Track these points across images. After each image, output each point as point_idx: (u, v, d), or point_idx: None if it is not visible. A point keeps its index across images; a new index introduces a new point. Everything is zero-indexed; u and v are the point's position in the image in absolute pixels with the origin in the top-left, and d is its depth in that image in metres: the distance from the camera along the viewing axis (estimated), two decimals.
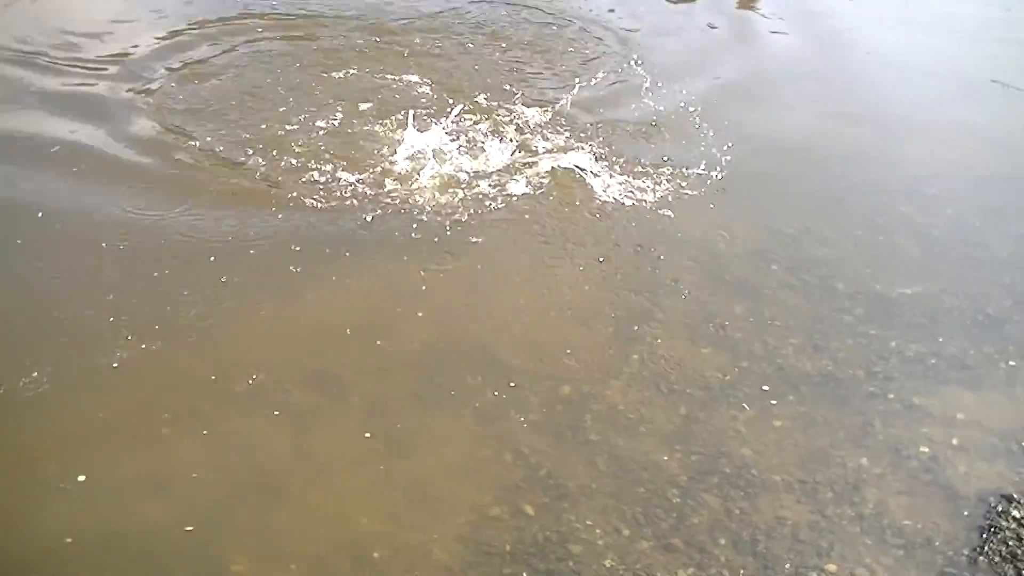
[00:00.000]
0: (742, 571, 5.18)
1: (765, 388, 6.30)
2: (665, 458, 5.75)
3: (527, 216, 7.69)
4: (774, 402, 6.21)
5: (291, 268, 6.93)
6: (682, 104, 9.62)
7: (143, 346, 6.16)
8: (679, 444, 5.85)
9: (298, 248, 7.12)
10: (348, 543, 5.20)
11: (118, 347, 6.13)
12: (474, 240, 7.34)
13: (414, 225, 7.42)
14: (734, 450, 5.85)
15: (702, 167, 8.42)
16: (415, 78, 9.71)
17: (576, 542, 5.25)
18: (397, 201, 7.68)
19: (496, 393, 6.11)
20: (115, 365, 6.02)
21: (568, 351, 6.47)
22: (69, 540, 5.05)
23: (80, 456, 5.49)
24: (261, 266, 6.96)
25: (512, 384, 6.17)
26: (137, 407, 5.82)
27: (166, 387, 5.97)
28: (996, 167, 9.01)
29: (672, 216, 7.82)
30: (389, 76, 9.69)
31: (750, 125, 9.40)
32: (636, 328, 6.69)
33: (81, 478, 5.34)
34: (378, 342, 6.41)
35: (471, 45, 10.61)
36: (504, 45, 10.69)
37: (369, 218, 7.45)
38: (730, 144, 8.86)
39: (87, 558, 5.00)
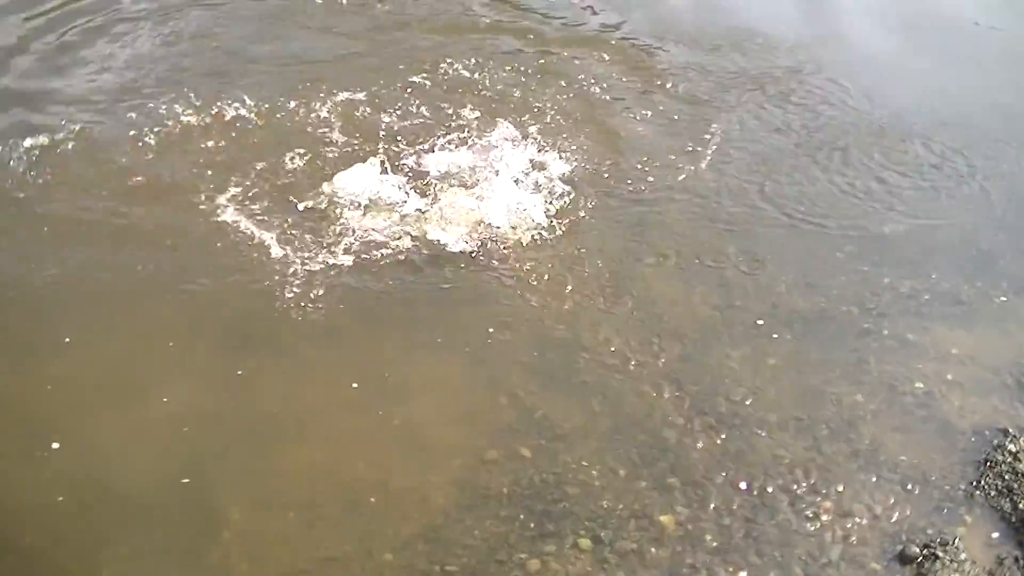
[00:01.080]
0: (739, 510, 5.17)
1: (759, 323, 6.29)
2: (660, 398, 5.73)
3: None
4: (768, 340, 6.18)
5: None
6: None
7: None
8: (674, 384, 5.82)
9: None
10: (344, 489, 5.19)
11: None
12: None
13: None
14: (729, 389, 5.82)
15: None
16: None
17: (573, 483, 5.24)
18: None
19: (488, 337, 6.09)
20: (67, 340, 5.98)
21: (560, 292, 6.43)
22: (60, 499, 5.03)
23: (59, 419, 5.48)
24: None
25: (504, 327, 6.15)
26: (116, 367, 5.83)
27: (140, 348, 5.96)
28: (980, 102, 8.90)
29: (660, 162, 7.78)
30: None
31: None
32: (629, 269, 6.63)
33: (55, 445, 5.30)
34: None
35: None
36: None
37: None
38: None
39: (81, 514, 4.98)
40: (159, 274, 6.39)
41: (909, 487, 5.35)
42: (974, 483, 5.39)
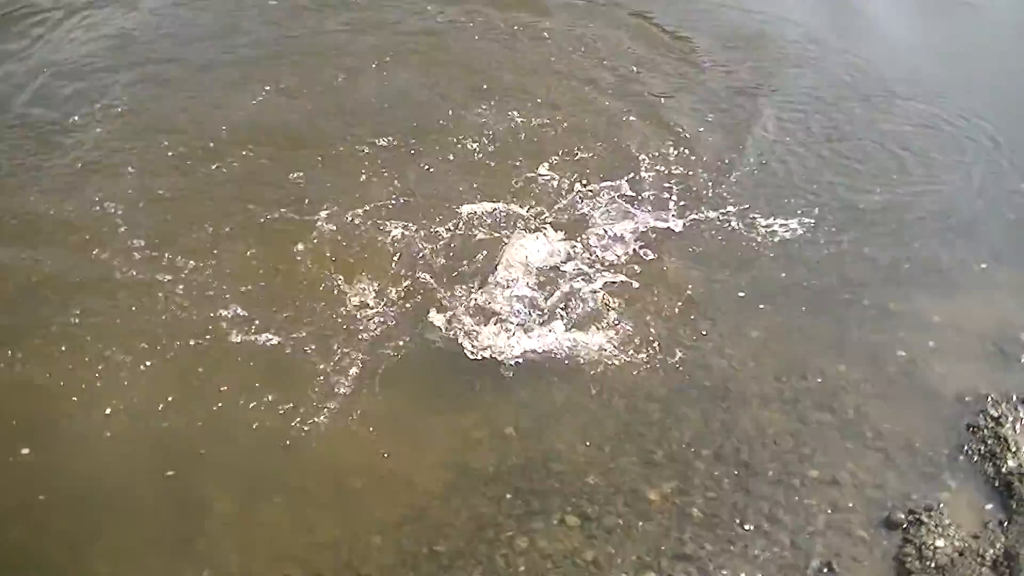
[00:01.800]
0: (725, 481, 5.20)
1: (741, 295, 6.31)
2: (643, 373, 5.73)
3: None
4: (750, 313, 6.20)
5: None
6: None
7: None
8: (657, 359, 5.82)
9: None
10: (329, 474, 5.19)
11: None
12: None
13: None
14: (712, 362, 5.83)
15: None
16: None
17: (558, 461, 5.26)
18: None
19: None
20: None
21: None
22: (42, 497, 5.02)
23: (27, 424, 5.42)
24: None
25: None
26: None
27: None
28: (954, 75, 8.89)
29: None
30: None
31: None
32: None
33: (25, 451, 5.24)
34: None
35: None
36: None
37: None
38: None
39: (66, 511, 4.97)
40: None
41: (893, 454, 5.38)
42: (958, 449, 5.42)
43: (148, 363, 5.69)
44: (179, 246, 6.40)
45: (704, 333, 6.02)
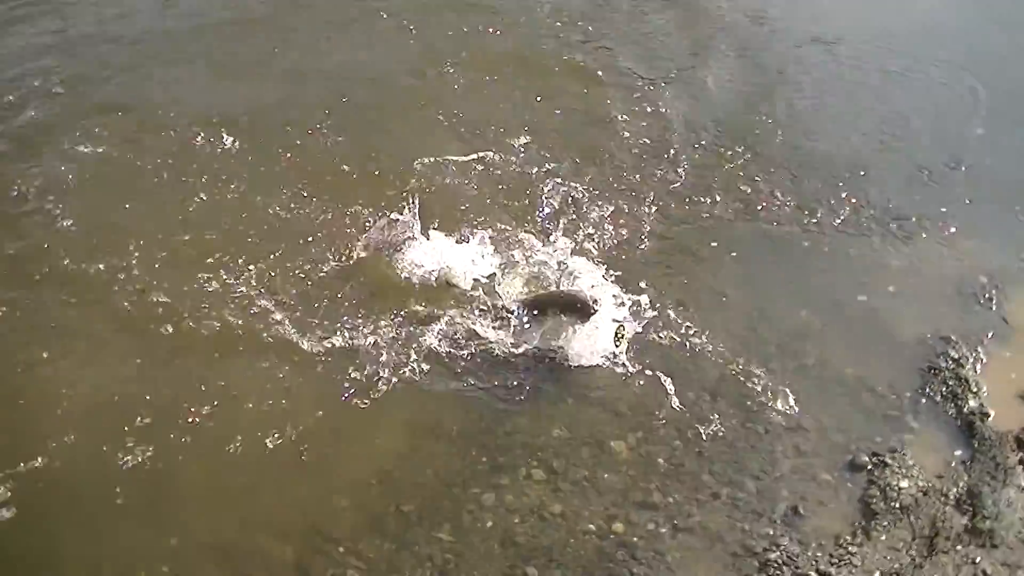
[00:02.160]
0: (690, 431, 5.21)
1: (714, 245, 6.32)
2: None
3: None
4: (715, 262, 6.21)
5: None
6: None
7: None
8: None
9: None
10: (294, 439, 5.12)
11: None
12: None
13: None
14: (675, 310, 5.80)
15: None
16: None
17: (523, 415, 5.25)
18: None
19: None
20: None
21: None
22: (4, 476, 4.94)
23: None
24: None
25: None
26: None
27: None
28: (906, 25, 8.84)
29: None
30: None
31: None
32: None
33: None
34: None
35: None
36: None
37: None
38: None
39: (31, 483, 4.89)
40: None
41: (856, 398, 5.44)
42: (920, 391, 5.47)
43: (106, 341, 5.63)
44: (124, 233, 6.28)
45: (667, 283, 6.01)
